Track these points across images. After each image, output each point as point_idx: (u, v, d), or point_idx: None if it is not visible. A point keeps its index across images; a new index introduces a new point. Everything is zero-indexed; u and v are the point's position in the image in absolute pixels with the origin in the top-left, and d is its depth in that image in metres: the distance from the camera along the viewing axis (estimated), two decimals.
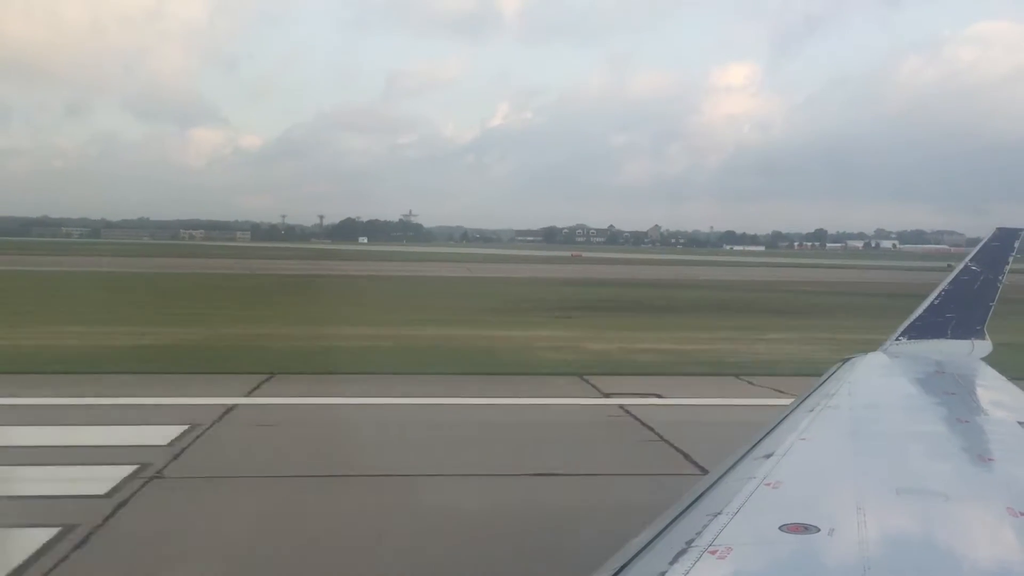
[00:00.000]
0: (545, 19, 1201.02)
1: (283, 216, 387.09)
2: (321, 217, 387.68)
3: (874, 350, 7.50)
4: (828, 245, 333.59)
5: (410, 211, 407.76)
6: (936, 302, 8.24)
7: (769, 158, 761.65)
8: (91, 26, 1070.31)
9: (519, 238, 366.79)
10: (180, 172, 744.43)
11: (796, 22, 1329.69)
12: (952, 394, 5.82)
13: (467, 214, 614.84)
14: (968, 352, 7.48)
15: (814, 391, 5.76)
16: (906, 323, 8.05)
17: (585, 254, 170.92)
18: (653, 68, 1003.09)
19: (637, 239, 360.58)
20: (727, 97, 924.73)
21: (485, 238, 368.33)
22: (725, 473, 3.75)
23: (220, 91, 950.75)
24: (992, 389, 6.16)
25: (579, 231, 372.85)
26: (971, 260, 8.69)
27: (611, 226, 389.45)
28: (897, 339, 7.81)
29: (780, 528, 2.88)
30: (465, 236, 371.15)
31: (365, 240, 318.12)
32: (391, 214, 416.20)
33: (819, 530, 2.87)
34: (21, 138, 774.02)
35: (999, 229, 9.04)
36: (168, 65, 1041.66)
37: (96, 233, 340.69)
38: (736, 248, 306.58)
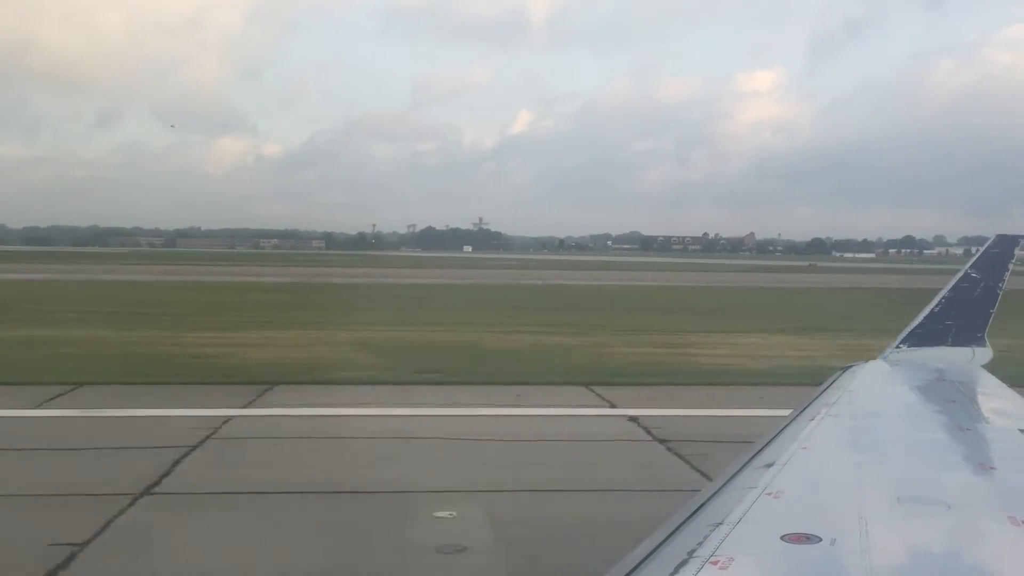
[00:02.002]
0: (573, 25, 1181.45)
1: (373, 225, 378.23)
2: (410, 226, 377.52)
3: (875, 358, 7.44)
4: (924, 252, 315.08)
5: (480, 219, 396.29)
6: (936, 309, 8.09)
7: (796, 163, 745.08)
8: (130, 35, 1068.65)
9: (614, 245, 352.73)
10: (207, 180, 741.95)
11: (835, 26, 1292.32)
12: (953, 402, 5.68)
13: (498, 220, 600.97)
14: (969, 359, 7.35)
15: (814, 400, 5.63)
16: (906, 331, 7.90)
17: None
18: (690, 73, 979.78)
19: (734, 246, 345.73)
20: (756, 102, 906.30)
21: (580, 246, 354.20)
22: (726, 483, 3.70)
23: (249, 99, 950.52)
24: (993, 396, 6.08)
25: (674, 239, 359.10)
26: (971, 267, 8.54)
27: (705, 234, 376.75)
28: (897, 347, 7.67)
29: (782, 538, 2.85)
30: (561, 244, 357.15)
31: (470, 249, 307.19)
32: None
33: (821, 540, 2.84)
34: (49, 147, 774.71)
35: (999, 236, 8.96)
36: (201, 74, 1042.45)
37: (172, 243, 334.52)
38: (846, 255, 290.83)
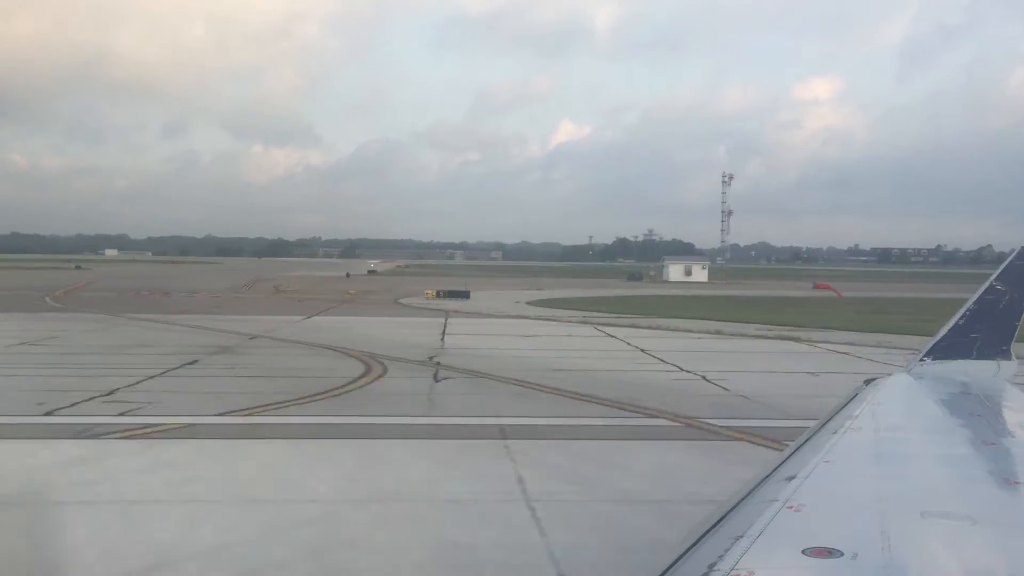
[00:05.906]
0: (636, 34, 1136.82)
1: (590, 237, 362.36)
2: (590, 237, 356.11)
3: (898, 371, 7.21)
4: None
5: (651, 230, 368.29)
6: (961, 322, 7.72)
7: (872, 170, 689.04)
8: (215, 46, 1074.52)
9: (850, 258, 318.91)
10: (258, 190, 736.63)
11: (930, 32, 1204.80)
12: (978, 415, 5.44)
13: (543, 229, 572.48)
14: (994, 373, 7.05)
15: (837, 413, 5.45)
16: (931, 344, 7.60)
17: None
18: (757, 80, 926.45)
19: (974, 258, 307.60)
20: (822, 110, 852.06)
21: (812, 257, 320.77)
22: (747, 495, 3.65)
23: (314, 110, 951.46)
24: (1019, 410, 5.87)
25: (911, 251, 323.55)
26: (996, 279, 8.07)
27: (939, 245, 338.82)
28: (921, 360, 7.41)
29: (803, 552, 2.82)
30: (797, 255, 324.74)
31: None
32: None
33: (843, 554, 2.79)
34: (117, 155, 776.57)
35: None
36: (276, 85, 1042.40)
37: (350, 252, 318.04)
38: None
